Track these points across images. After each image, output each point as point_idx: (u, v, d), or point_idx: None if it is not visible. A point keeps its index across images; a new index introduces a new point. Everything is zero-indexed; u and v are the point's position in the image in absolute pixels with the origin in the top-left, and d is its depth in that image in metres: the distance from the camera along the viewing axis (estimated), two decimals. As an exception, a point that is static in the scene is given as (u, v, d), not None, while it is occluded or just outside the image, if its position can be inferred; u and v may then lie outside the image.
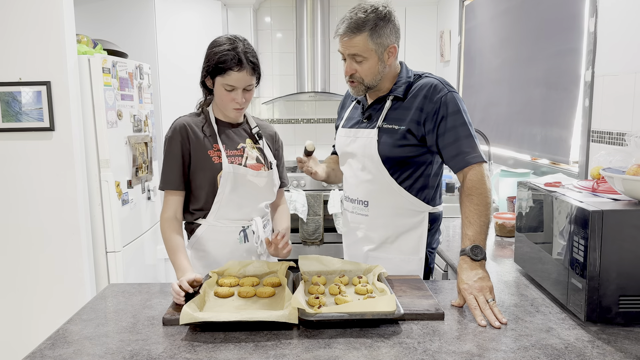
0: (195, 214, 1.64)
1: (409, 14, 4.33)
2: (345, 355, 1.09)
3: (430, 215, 1.67)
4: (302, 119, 4.78)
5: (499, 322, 1.24)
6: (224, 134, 1.65)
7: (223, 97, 1.58)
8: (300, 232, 4.10)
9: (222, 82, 1.56)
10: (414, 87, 1.60)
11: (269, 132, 1.78)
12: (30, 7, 2.41)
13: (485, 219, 1.44)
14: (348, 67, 1.58)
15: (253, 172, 1.64)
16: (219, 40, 1.58)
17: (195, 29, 3.79)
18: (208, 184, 1.60)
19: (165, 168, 1.61)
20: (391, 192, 1.63)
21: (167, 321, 1.25)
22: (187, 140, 1.60)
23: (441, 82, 1.58)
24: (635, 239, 1.20)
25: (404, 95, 1.60)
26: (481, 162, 1.50)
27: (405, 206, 1.64)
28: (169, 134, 1.62)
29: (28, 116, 2.46)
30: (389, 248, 1.69)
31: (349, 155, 1.71)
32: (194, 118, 1.65)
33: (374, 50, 1.55)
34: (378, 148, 1.60)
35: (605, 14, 1.96)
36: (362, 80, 1.58)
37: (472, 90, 3.62)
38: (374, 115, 1.66)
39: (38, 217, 2.52)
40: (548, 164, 2.52)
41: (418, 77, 1.64)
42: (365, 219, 1.70)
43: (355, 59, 1.56)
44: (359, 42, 1.53)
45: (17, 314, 2.58)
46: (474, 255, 1.37)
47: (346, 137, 1.73)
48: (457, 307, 1.34)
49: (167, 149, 1.61)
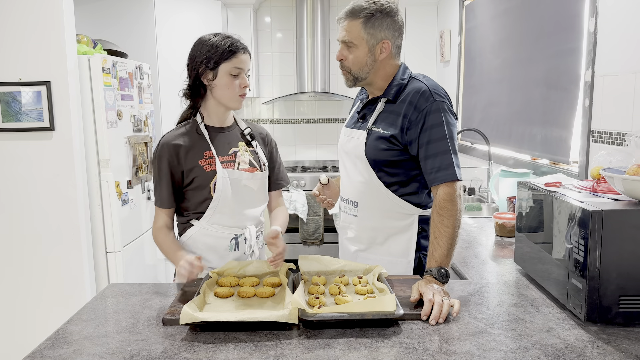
0: (189, 216, 1.64)
1: (409, 14, 4.33)
2: (345, 355, 1.09)
3: (422, 218, 1.65)
4: (302, 119, 4.78)
5: (438, 321, 1.24)
6: (215, 139, 1.63)
7: (229, 85, 1.57)
8: (300, 232, 4.10)
9: (228, 68, 1.56)
10: (405, 91, 1.57)
11: (260, 133, 1.76)
12: (31, 7, 2.41)
13: (452, 241, 1.44)
14: (339, 52, 1.59)
15: (248, 174, 1.63)
16: (206, 36, 1.60)
17: (196, 28, 3.78)
18: (202, 193, 1.59)
19: (155, 185, 1.62)
20: (379, 194, 1.62)
21: (167, 321, 1.25)
22: (176, 157, 1.58)
23: (429, 90, 1.52)
24: (635, 239, 1.20)
25: (394, 98, 1.58)
26: (454, 180, 1.47)
27: (394, 209, 1.63)
28: (156, 153, 1.60)
29: (28, 116, 2.46)
30: (378, 249, 1.68)
31: (346, 154, 1.72)
32: (179, 131, 1.62)
33: (365, 39, 1.54)
34: (365, 150, 1.60)
35: (605, 14, 1.96)
36: (350, 68, 1.59)
37: (472, 90, 3.62)
38: (367, 116, 1.65)
39: (38, 218, 2.52)
40: (548, 164, 2.52)
41: (411, 79, 1.59)
42: (355, 220, 1.70)
43: (347, 44, 1.57)
44: (352, 27, 1.54)
45: (17, 314, 2.58)
46: (441, 278, 1.39)
47: (345, 136, 1.74)
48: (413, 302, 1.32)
49: (156, 167, 1.60)
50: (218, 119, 1.65)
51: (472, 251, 1.96)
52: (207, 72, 1.58)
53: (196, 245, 1.63)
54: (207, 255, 1.63)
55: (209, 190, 1.59)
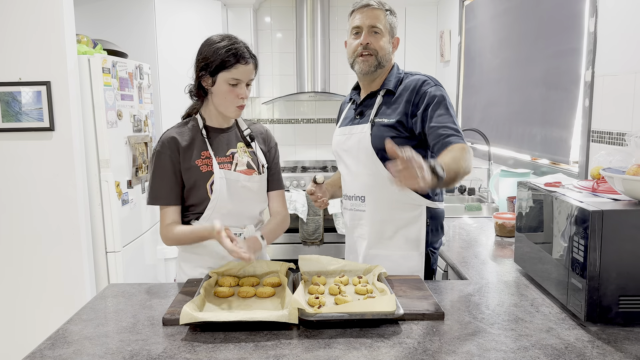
0: (188, 217, 1.63)
1: (409, 14, 4.33)
2: (345, 355, 1.09)
3: (430, 211, 1.68)
4: (302, 119, 4.78)
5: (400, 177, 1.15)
6: (214, 139, 1.62)
7: (226, 94, 1.55)
8: (300, 232, 4.10)
9: (227, 77, 1.53)
10: (404, 82, 1.67)
11: (260, 132, 1.74)
12: (31, 7, 2.41)
13: (460, 167, 1.37)
14: (365, 37, 1.65)
15: (245, 176, 1.62)
16: (214, 38, 1.56)
17: (196, 28, 3.79)
18: (199, 194, 1.58)
19: (154, 183, 1.58)
20: (387, 185, 1.62)
21: (167, 321, 1.25)
22: (177, 153, 1.57)
23: (429, 78, 1.65)
24: (635, 239, 1.20)
25: (394, 88, 1.67)
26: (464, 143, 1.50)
27: (402, 199, 1.66)
28: (157, 148, 1.59)
29: (28, 116, 2.46)
30: (389, 244, 1.69)
31: (345, 152, 1.74)
32: (180, 129, 1.62)
33: (388, 30, 1.67)
34: (371, 141, 1.64)
35: (605, 14, 1.96)
36: (377, 52, 1.65)
37: (472, 90, 3.62)
38: (365, 112, 1.72)
39: (38, 218, 2.52)
40: (548, 164, 2.52)
41: (408, 74, 1.71)
42: (364, 215, 1.72)
43: (374, 30, 1.65)
44: (381, 15, 1.66)
45: (17, 314, 2.58)
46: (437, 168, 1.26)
47: (342, 135, 1.76)
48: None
49: (156, 163, 1.58)
50: (217, 120, 1.64)
51: (472, 251, 1.96)
52: (206, 77, 1.56)
53: (197, 247, 1.63)
54: (207, 255, 1.63)
55: (206, 191, 1.58)
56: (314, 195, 1.75)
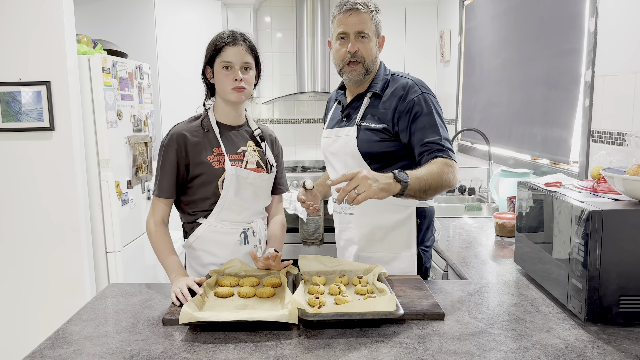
0: (197, 214, 1.64)
1: (409, 14, 4.34)
2: (345, 355, 1.09)
3: (419, 210, 1.67)
4: (302, 119, 4.78)
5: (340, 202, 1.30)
6: (225, 136, 1.64)
7: (222, 79, 1.58)
8: (300, 232, 4.10)
9: (219, 62, 1.56)
10: (391, 86, 1.63)
11: (270, 135, 1.78)
12: (31, 7, 2.41)
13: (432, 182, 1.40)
14: (353, 44, 1.59)
15: (255, 174, 1.64)
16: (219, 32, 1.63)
17: (196, 28, 3.79)
18: (208, 189, 1.59)
19: (160, 175, 1.60)
20: None
21: (167, 321, 1.25)
22: (184, 149, 1.58)
23: (416, 84, 1.60)
24: (635, 239, 1.20)
25: (381, 91, 1.63)
26: (450, 158, 1.49)
27: (390, 201, 1.62)
28: (165, 141, 1.60)
29: (28, 116, 2.46)
30: (379, 246, 1.68)
31: (333, 155, 1.73)
32: (191, 124, 1.63)
33: (374, 32, 1.61)
34: (357, 144, 1.62)
35: (605, 14, 1.96)
36: (364, 59, 1.60)
37: (472, 90, 3.62)
38: (352, 114, 1.69)
39: (38, 218, 2.52)
40: (548, 164, 2.52)
41: (395, 76, 1.66)
42: (353, 218, 1.70)
43: (360, 35, 1.59)
44: (366, 18, 1.58)
45: (17, 314, 2.58)
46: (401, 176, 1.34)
47: (329, 137, 1.75)
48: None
49: (163, 156, 1.59)
50: (228, 117, 1.66)
51: (472, 251, 1.96)
52: (208, 70, 1.62)
53: (206, 243, 1.63)
54: (217, 251, 1.64)
55: (216, 187, 1.59)
56: (304, 203, 1.70)
